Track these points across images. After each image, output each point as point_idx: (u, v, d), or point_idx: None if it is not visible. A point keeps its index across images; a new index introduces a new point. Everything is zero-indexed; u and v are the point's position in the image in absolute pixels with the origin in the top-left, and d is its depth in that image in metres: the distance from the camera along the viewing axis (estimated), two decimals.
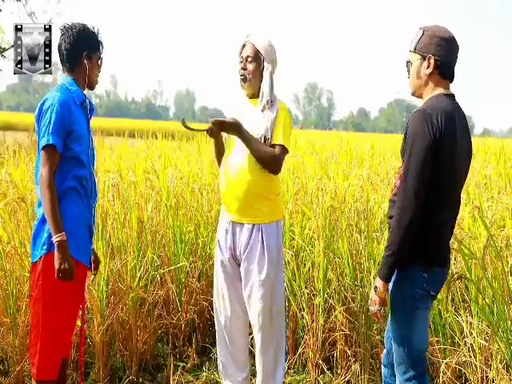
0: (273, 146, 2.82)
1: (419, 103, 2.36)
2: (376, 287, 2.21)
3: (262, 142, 2.80)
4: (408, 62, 2.30)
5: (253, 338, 3.52)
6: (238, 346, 3.02)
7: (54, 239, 2.29)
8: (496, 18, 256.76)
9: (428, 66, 2.22)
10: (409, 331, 2.25)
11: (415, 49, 2.25)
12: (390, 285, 2.26)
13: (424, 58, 2.22)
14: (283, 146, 2.82)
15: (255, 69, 2.87)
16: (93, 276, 2.73)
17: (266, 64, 2.88)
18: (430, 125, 2.11)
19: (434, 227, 2.21)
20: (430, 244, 2.22)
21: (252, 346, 3.56)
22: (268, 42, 2.91)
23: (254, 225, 2.85)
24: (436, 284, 2.28)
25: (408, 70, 2.31)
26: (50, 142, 2.31)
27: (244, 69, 2.88)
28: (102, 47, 2.56)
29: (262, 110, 2.87)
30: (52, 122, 2.32)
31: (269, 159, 2.78)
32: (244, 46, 2.92)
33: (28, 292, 3.10)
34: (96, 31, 2.53)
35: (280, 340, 2.95)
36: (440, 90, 2.24)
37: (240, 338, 3.02)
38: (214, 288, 3.06)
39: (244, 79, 2.89)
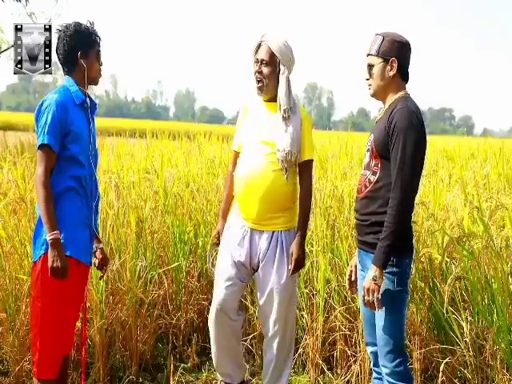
0: (303, 162, 2.87)
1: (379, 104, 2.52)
2: (375, 276, 2.27)
3: (289, 157, 2.76)
4: (370, 65, 2.43)
5: (253, 337, 3.53)
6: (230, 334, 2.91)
7: (48, 237, 2.31)
8: (496, 18, 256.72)
9: (391, 69, 2.37)
10: (402, 318, 2.38)
11: (378, 53, 2.38)
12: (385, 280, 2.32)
13: (386, 61, 2.37)
14: (312, 159, 2.91)
15: (271, 72, 2.78)
16: (101, 275, 2.77)
17: (281, 67, 2.78)
18: (417, 120, 2.28)
19: (412, 216, 2.38)
20: (411, 233, 2.40)
21: (252, 345, 3.56)
22: (283, 42, 2.80)
23: (273, 232, 2.81)
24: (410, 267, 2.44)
25: (369, 73, 2.44)
26: (46, 142, 2.36)
27: (259, 72, 2.79)
28: (100, 40, 2.54)
29: (284, 120, 2.78)
30: (48, 122, 2.36)
31: (311, 192, 2.93)
32: (259, 45, 2.82)
33: (28, 292, 3.11)
34: (90, 26, 2.51)
35: (291, 346, 2.93)
36: (403, 92, 2.41)
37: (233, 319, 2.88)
38: (215, 271, 2.95)
39: (260, 83, 2.80)
